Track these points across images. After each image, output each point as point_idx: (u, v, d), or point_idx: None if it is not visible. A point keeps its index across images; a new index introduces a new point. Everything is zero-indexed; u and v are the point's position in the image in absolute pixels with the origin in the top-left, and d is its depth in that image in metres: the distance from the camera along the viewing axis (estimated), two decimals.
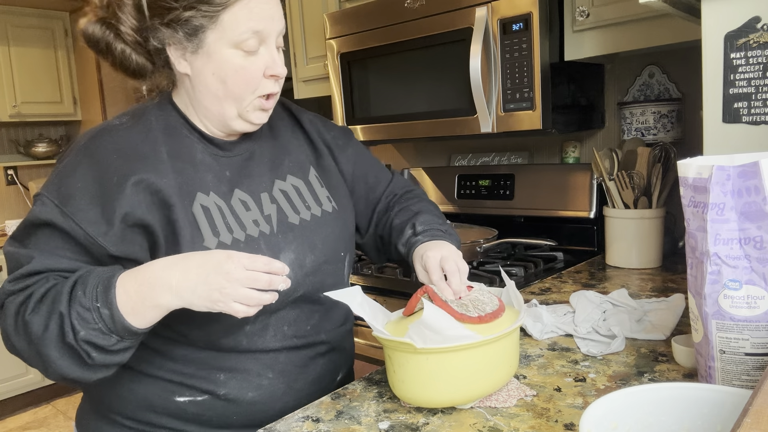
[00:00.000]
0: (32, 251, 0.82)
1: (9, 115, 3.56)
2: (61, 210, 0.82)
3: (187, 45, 0.86)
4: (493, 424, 0.80)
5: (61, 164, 0.86)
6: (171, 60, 0.88)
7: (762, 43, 0.89)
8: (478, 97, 1.64)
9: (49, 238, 0.83)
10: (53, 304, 0.77)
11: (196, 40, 0.85)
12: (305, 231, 0.96)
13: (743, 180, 0.70)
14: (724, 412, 0.59)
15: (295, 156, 1.02)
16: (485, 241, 1.79)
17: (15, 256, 0.84)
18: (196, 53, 0.86)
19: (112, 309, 0.76)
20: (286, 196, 0.97)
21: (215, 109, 0.90)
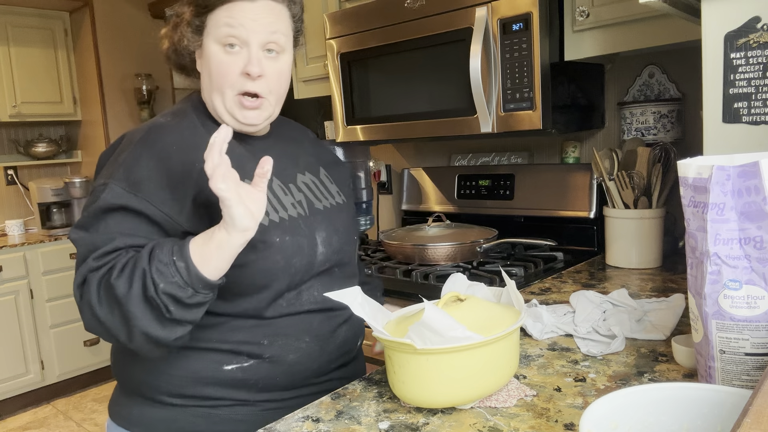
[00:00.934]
0: (108, 234, 0.90)
1: (9, 115, 3.56)
2: (134, 194, 0.91)
3: (196, 45, 1.00)
4: (493, 424, 0.80)
5: (120, 157, 0.95)
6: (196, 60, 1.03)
7: (762, 43, 0.89)
8: (478, 97, 1.64)
9: (124, 220, 0.91)
10: (135, 264, 0.85)
11: (200, 40, 0.99)
12: (329, 216, 1.10)
13: (743, 180, 0.70)
14: (724, 412, 0.59)
15: (306, 158, 1.16)
16: (485, 241, 1.79)
17: (89, 241, 0.90)
18: (200, 51, 1.01)
19: (187, 261, 0.84)
20: (308, 187, 1.10)
21: (210, 103, 1.01)
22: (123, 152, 0.96)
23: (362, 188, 2.32)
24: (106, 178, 0.93)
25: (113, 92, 3.76)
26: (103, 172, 0.96)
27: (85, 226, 0.92)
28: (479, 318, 0.88)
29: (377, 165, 2.52)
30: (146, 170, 0.93)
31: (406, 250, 1.83)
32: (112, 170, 0.94)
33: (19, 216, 3.85)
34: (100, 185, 0.93)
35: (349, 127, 2.04)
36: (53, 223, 3.66)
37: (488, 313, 0.90)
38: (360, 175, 2.31)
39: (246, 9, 0.95)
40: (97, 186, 0.94)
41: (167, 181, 0.93)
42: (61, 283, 3.46)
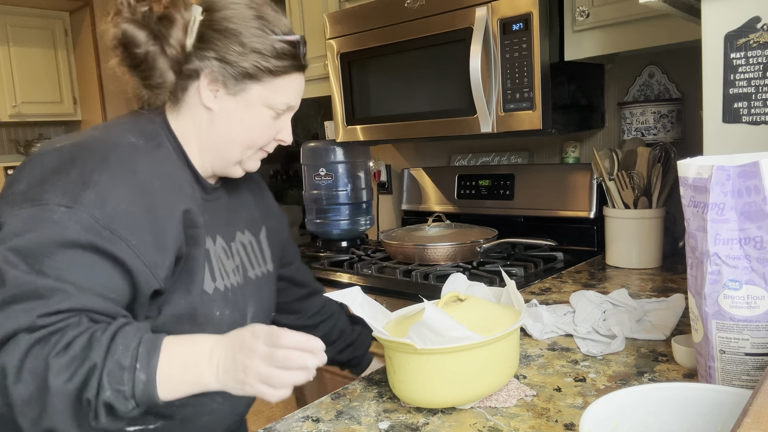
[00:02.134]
0: (62, 283, 0.68)
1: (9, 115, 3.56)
2: (110, 231, 0.72)
3: (229, 85, 0.86)
4: (493, 424, 0.80)
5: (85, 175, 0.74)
6: (199, 90, 0.87)
7: (762, 43, 0.89)
8: (478, 97, 1.64)
9: (88, 265, 0.71)
10: (86, 351, 0.66)
11: (241, 85, 0.87)
12: (259, 287, 1.00)
13: (743, 180, 0.70)
14: (724, 412, 0.59)
15: (251, 212, 1.05)
16: (485, 241, 1.79)
17: (29, 282, 0.67)
18: (233, 96, 0.87)
19: (149, 375, 0.68)
20: (245, 249, 0.99)
21: (225, 151, 0.90)
22: (86, 169, 0.75)
23: (362, 188, 2.32)
24: (65, 199, 0.71)
25: (113, 92, 3.76)
26: (50, 188, 0.72)
27: (25, 257, 0.68)
28: (479, 318, 0.88)
29: (377, 165, 2.52)
30: (126, 203, 0.75)
31: (406, 250, 1.83)
32: (69, 188, 0.72)
33: None
34: (57, 206, 0.71)
35: (349, 127, 2.04)
36: None
37: (488, 313, 0.90)
38: (360, 175, 2.32)
39: (302, 82, 0.93)
40: (46, 204, 0.71)
41: (151, 223, 0.77)
42: None
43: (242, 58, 0.85)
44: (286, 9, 2.31)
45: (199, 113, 0.88)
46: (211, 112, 0.88)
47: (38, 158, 0.78)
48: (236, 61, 0.85)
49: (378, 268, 1.83)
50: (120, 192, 0.75)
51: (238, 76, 0.86)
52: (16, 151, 3.85)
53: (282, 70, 0.88)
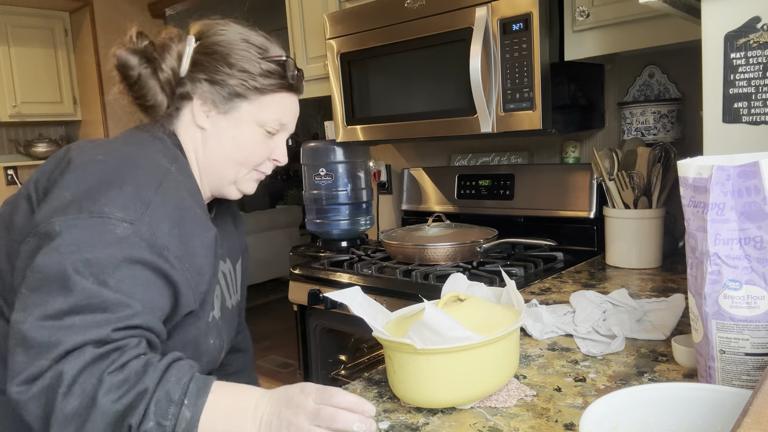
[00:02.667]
0: (129, 298, 0.69)
1: (9, 115, 3.56)
2: (167, 252, 0.74)
3: (219, 105, 0.92)
4: (493, 424, 0.80)
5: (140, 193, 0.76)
6: (192, 111, 0.92)
7: (762, 43, 0.89)
8: (478, 97, 1.64)
9: (148, 283, 0.72)
10: (140, 375, 0.67)
11: (231, 104, 0.92)
12: (232, 317, 1.03)
13: (743, 180, 0.70)
14: (724, 412, 0.59)
15: (232, 241, 1.08)
16: (485, 241, 1.79)
17: (98, 295, 0.68)
18: (224, 114, 0.92)
19: (194, 414, 0.67)
20: (225, 278, 1.01)
21: (218, 169, 0.94)
22: (141, 188, 0.77)
23: (362, 188, 2.32)
24: (126, 214, 0.72)
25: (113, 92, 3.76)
26: (106, 201, 0.73)
27: (92, 268, 0.68)
28: (479, 318, 0.88)
29: (377, 165, 2.52)
30: (177, 227, 0.77)
31: (406, 250, 1.83)
32: (129, 205, 0.73)
33: None
34: (119, 220, 0.71)
35: (349, 127, 2.04)
36: None
37: (488, 313, 0.90)
38: (360, 175, 2.32)
39: (295, 103, 0.97)
40: (108, 217, 0.71)
41: (196, 248, 0.80)
42: None
43: (230, 78, 0.90)
44: (286, 9, 2.31)
45: (194, 134, 0.93)
46: (204, 132, 0.93)
47: (80, 168, 0.79)
48: (224, 81, 0.90)
49: (378, 268, 1.83)
50: (173, 216, 0.78)
51: (227, 95, 0.91)
52: (16, 151, 3.85)
53: (269, 88, 0.93)
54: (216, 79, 0.90)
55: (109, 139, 0.93)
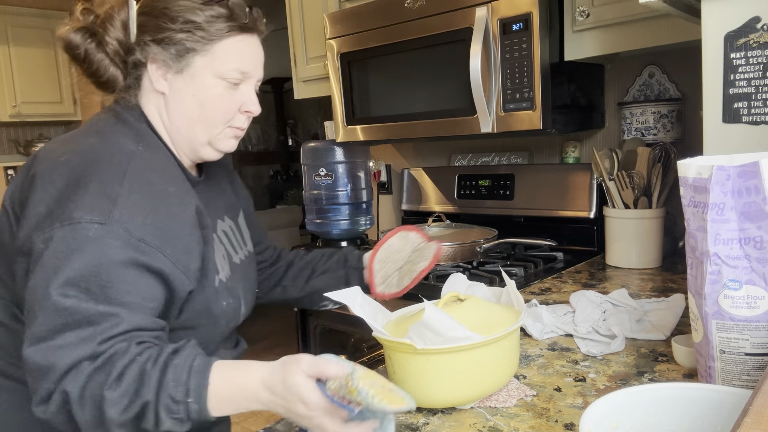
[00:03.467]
0: (112, 306, 0.70)
1: (9, 115, 3.56)
2: (144, 244, 0.74)
3: (172, 64, 0.87)
4: (493, 424, 0.80)
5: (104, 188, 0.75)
6: (150, 76, 0.88)
7: (762, 43, 0.89)
8: (478, 97, 1.64)
9: (131, 280, 0.73)
10: (138, 385, 0.69)
11: (184, 61, 0.86)
12: (246, 270, 1.02)
13: (743, 180, 0.70)
14: (724, 412, 0.59)
15: (228, 198, 1.07)
16: (485, 241, 1.79)
17: (88, 309, 0.69)
18: (180, 73, 0.87)
19: (201, 404, 0.70)
20: (227, 236, 1.00)
21: (186, 133, 0.90)
22: (105, 183, 0.76)
23: (362, 188, 2.32)
24: (95, 215, 0.72)
25: None
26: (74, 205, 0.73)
27: (74, 283, 0.69)
28: (479, 318, 0.88)
29: (377, 165, 2.52)
30: (151, 214, 0.77)
31: None
32: (95, 204, 0.73)
33: None
34: (89, 223, 0.71)
35: (349, 127, 2.04)
36: None
37: (488, 313, 0.90)
38: (360, 175, 2.32)
39: (252, 45, 0.90)
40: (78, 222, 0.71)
41: (177, 229, 0.79)
42: None
43: (175, 34, 0.85)
44: (286, 9, 2.31)
45: (157, 101, 0.89)
46: (165, 96, 0.89)
47: (46, 175, 0.78)
48: (170, 38, 0.85)
49: None
50: (144, 204, 0.77)
51: (176, 52, 0.86)
52: (16, 151, 3.85)
53: (217, 34, 0.86)
54: (162, 38, 0.85)
55: (74, 132, 0.90)
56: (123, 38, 0.87)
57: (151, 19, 0.86)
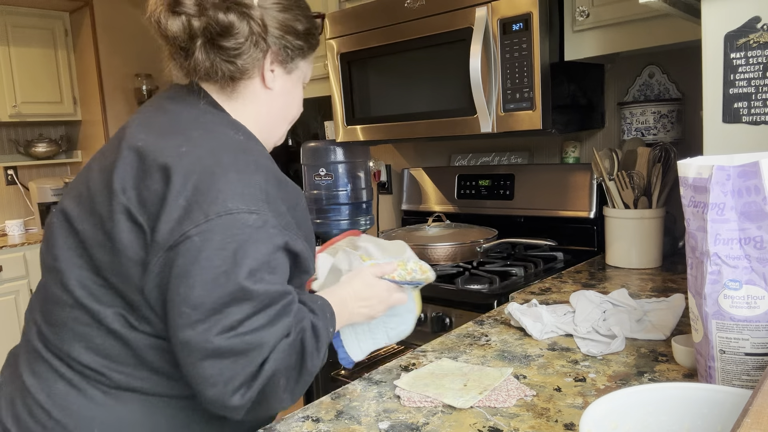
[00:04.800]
0: (285, 285, 0.79)
1: (9, 115, 3.55)
2: (288, 230, 0.79)
3: (285, 63, 0.91)
4: (493, 424, 0.80)
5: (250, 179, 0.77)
6: (262, 71, 0.88)
7: (762, 43, 0.89)
8: (478, 97, 1.64)
9: (286, 262, 0.80)
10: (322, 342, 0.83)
11: (294, 63, 0.93)
12: None
13: (743, 180, 0.70)
14: (724, 412, 0.59)
15: None
16: (485, 241, 1.79)
17: (267, 294, 0.75)
18: (289, 74, 0.93)
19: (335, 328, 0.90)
20: None
21: (275, 128, 0.96)
22: (244, 175, 0.77)
23: (362, 188, 2.32)
24: (247, 204, 0.74)
25: (113, 92, 3.76)
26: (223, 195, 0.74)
27: (261, 271, 0.74)
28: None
29: (377, 165, 2.52)
30: (284, 202, 0.81)
31: None
32: (244, 194, 0.75)
33: (19, 216, 3.85)
34: (246, 213, 0.74)
35: (349, 127, 2.04)
36: None
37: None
38: (360, 175, 2.32)
39: None
40: (236, 212, 0.74)
41: (304, 214, 0.87)
42: None
43: (295, 38, 0.90)
44: None
45: (259, 95, 0.90)
46: (271, 93, 0.91)
47: (177, 169, 0.76)
48: (291, 42, 0.89)
49: None
50: (279, 192, 0.80)
51: (292, 54, 0.90)
52: (16, 151, 3.84)
53: (316, 44, 0.95)
54: (285, 39, 0.88)
55: (165, 121, 0.85)
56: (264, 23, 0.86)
57: (278, 17, 0.87)
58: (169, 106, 0.88)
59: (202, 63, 0.84)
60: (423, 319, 1.57)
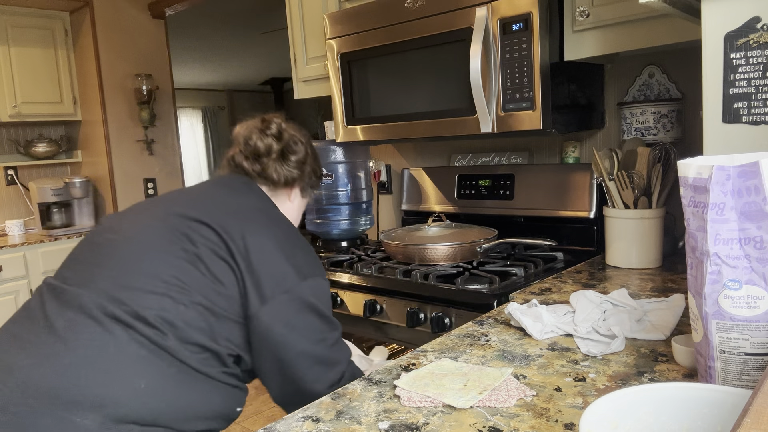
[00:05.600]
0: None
1: (9, 115, 3.56)
2: None
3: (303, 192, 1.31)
4: (493, 424, 0.80)
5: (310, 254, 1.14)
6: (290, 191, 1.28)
7: (762, 43, 0.89)
8: (478, 97, 1.64)
9: None
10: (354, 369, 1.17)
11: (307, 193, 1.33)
12: None
13: (743, 180, 0.70)
14: (724, 412, 0.59)
15: None
16: (485, 241, 1.79)
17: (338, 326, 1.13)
18: (304, 198, 1.32)
19: None
20: None
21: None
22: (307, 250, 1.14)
23: (362, 188, 2.32)
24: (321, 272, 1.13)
25: (113, 92, 3.76)
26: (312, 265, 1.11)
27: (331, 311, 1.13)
28: None
29: (377, 165, 2.52)
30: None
31: (406, 250, 1.83)
32: (316, 264, 1.13)
33: (19, 216, 3.85)
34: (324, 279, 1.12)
35: (349, 127, 2.04)
36: (53, 223, 3.66)
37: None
38: (360, 175, 2.32)
39: None
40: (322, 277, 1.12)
41: None
42: None
43: (317, 180, 1.33)
44: (287, 9, 2.31)
45: (284, 203, 1.27)
46: (291, 204, 1.28)
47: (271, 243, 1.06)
48: (315, 182, 1.32)
49: (378, 268, 1.83)
50: None
51: (313, 187, 1.33)
52: (16, 151, 3.84)
53: (318, 187, 1.39)
54: (311, 179, 1.30)
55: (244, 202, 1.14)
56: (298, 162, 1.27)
57: (309, 162, 1.28)
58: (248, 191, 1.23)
59: (270, 168, 1.22)
60: (423, 319, 1.57)
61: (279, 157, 1.22)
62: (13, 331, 0.99)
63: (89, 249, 1.07)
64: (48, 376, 0.90)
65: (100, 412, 0.89)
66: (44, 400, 0.88)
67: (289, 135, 1.25)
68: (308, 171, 1.28)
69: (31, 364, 0.91)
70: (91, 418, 0.88)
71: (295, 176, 1.24)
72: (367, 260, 1.95)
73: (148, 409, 0.92)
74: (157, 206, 1.11)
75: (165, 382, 0.95)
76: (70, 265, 1.07)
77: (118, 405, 0.90)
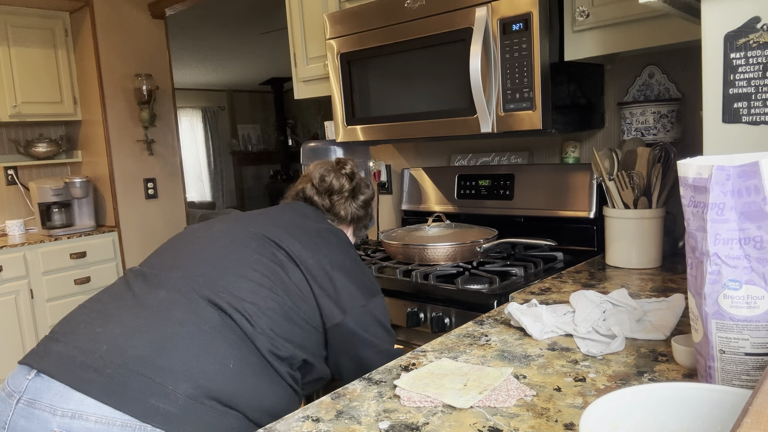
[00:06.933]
0: None
1: (9, 115, 3.56)
2: None
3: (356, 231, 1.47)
4: (493, 424, 0.80)
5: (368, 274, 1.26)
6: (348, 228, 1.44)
7: (762, 43, 0.89)
8: (478, 97, 1.64)
9: None
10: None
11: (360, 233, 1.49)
12: None
13: (743, 180, 0.70)
14: (724, 412, 0.59)
15: None
16: (485, 241, 1.79)
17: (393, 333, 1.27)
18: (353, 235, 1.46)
19: None
20: None
21: None
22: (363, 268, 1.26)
23: None
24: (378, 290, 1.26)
25: (113, 92, 3.76)
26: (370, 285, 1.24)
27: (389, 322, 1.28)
28: None
29: (377, 165, 2.52)
30: None
31: (406, 250, 1.83)
32: (374, 283, 1.26)
33: (20, 216, 3.85)
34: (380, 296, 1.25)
35: (349, 127, 2.04)
36: (53, 223, 3.66)
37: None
38: None
39: None
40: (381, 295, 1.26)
41: None
42: (61, 283, 3.46)
43: (369, 223, 1.46)
44: (287, 9, 2.31)
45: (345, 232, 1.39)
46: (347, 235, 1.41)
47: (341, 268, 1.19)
48: (368, 224, 1.46)
49: (378, 268, 1.83)
50: None
51: (366, 228, 1.47)
52: (16, 151, 3.84)
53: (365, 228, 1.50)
54: (363, 221, 1.44)
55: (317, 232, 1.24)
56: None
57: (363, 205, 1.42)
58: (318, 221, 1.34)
59: (339, 205, 1.37)
60: (423, 319, 1.57)
61: (350, 196, 1.38)
62: (97, 308, 1.05)
63: (179, 243, 1.18)
64: (143, 345, 0.96)
65: (192, 382, 0.95)
66: (137, 365, 0.94)
67: (360, 177, 1.41)
68: (369, 212, 1.43)
69: (123, 333, 0.97)
70: (183, 387, 0.94)
71: (360, 215, 1.40)
72: (367, 260, 1.95)
73: (231, 389, 0.98)
74: (237, 221, 1.23)
75: (248, 368, 1.02)
76: (156, 256, 1.16)
77: (209, 379, 0.96)
